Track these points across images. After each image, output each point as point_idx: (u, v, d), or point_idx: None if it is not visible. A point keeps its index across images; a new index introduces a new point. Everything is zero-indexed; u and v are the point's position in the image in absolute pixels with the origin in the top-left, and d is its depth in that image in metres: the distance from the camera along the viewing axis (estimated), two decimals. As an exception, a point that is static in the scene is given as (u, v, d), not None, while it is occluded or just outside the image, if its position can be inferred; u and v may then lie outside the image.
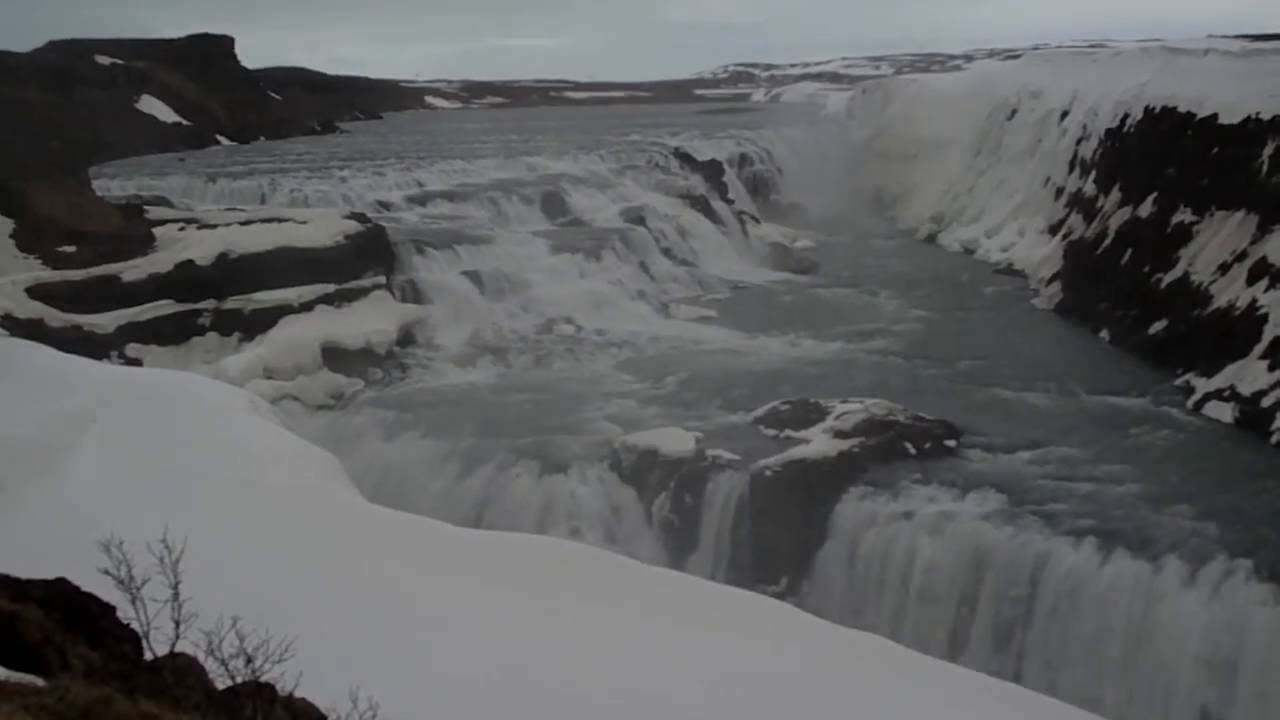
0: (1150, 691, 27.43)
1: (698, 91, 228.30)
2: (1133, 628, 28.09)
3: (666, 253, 68.77)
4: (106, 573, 7.62)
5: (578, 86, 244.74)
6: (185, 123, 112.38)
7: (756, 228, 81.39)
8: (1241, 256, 45.72)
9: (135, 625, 7.83)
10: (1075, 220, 66.53)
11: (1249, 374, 40.09)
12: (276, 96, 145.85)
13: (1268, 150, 46.85)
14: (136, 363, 44.71)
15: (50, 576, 8.48)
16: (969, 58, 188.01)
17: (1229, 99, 51.71)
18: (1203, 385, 41.53)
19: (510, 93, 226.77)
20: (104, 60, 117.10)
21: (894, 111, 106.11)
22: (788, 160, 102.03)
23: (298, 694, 8.05)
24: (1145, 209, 55.75)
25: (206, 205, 65.98)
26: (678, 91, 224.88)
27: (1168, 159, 55.21)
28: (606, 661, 14.56)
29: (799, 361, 49.34)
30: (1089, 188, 67.05)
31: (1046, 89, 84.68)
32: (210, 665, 7.67)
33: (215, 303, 50.00)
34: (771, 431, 38.96)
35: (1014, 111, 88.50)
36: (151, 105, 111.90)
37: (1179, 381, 43.15)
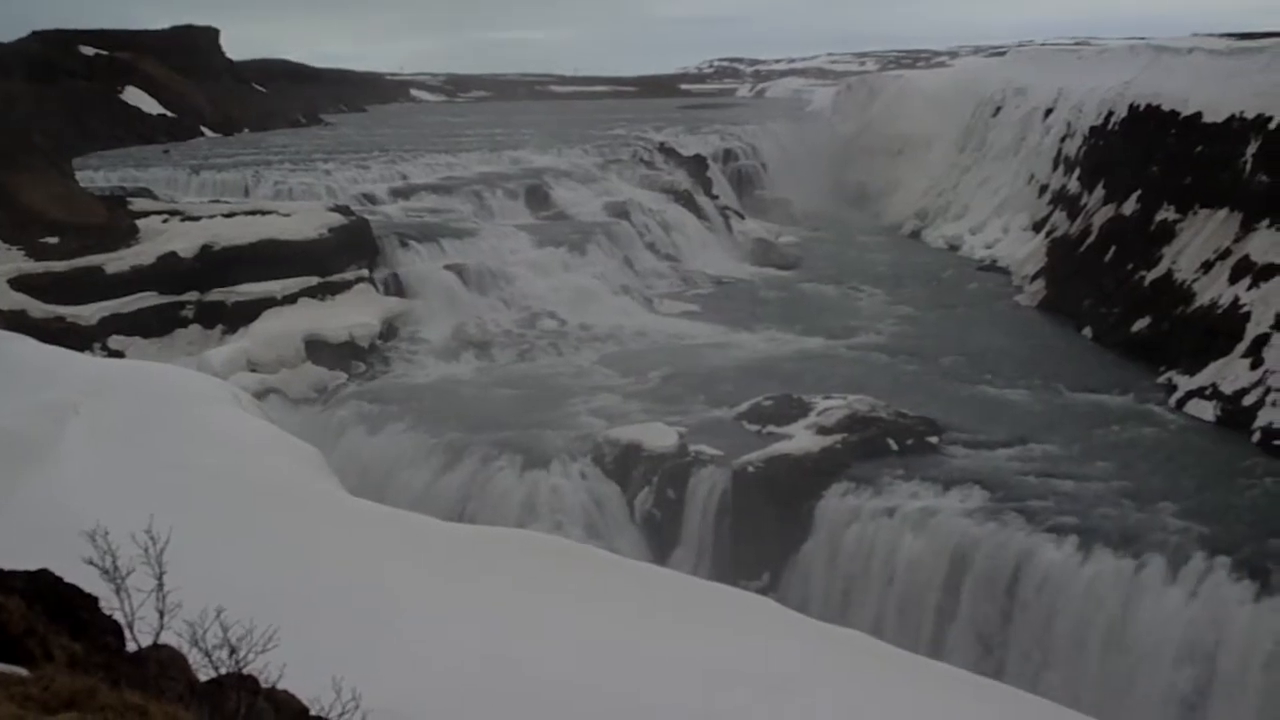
0: (1130, 687, 27.56)
1: (683, 86, 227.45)
2: (1114, 624, 28.22)
3: (650, 247, 68.75)
4: (91, 563, 7.61)
5: (562, 80, 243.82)
6: (169, 114, 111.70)
7: (741, 223, 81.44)
8: (1225, 255, 45.94)
9: (119, 616, 7.82)
10: (1059, 217, 66.79)
11: (1231, 372, 40.31)
12: (261, 89, 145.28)
13: (1251, 149, 47.06)
14: (119, 355, 44.62)
15: (33, 568, 8.46)
16: (954, 54, 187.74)
17: (1213, 97, 51.90)
18: (1185, 383, 41.72)
19: (495, 86, 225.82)
20: (88, 51, 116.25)
21: (879, 107, 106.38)
22: (772, 156, 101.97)
23: (281, 685, 8.05)
24: (1129, 207, 55.96)
25: (190, 197, 65.83)
26: (662, 86, 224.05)
27: (1151, 157, 55.42)
28: (592, 656, 14.56)
29: (782, 357, 49.38)
30: (1073, 185, 67.32)
31: (1031, 86, 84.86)
32: (194, 656, 7.66)
33: (198, 295, 49.98)
34: (754, 427, 39.03)
35: (998, 108, 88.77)
36: (136, 96, 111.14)
37: (1161, 379, 43.33)
